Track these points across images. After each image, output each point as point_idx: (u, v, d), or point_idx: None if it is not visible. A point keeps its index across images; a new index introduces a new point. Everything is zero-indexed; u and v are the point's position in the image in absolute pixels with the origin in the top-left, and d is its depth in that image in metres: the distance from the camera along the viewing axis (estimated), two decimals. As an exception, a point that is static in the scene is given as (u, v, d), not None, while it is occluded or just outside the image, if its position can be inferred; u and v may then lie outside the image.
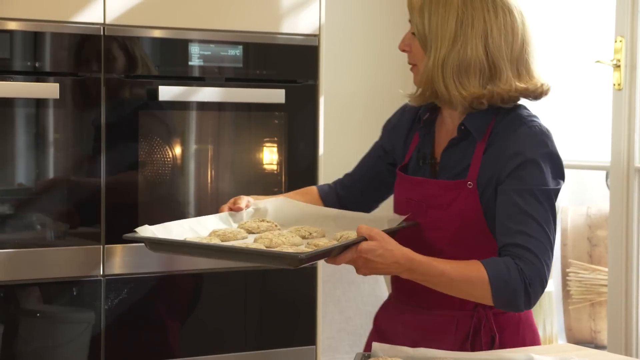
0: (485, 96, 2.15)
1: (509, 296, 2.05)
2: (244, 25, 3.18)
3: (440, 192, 2.20)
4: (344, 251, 2.04)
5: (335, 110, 4.06)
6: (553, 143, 2.17)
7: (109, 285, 3.01)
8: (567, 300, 4.79)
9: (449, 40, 2.16)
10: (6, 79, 2.85)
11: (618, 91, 3.54)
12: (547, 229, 2.10)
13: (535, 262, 2.06)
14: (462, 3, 2.16)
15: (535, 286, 2.06)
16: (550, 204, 2.13)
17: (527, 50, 2.20)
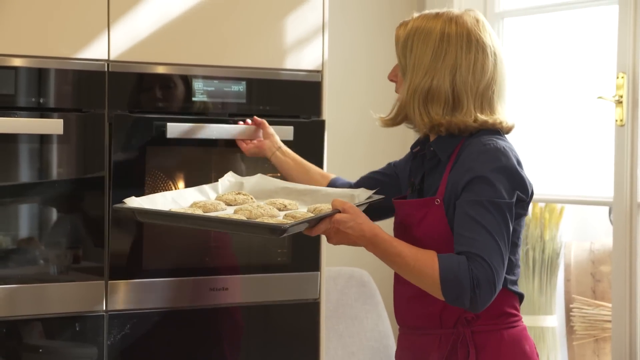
0: (443, 125, 2.34)
1: (455, 290, 2.19)
2: (247, 61, 3.20)
3: (413, 210, 2.38)
4: (320, 222, 2.28)
5: (339, 145, 4.07)
6: (508, 159, 2.29)
7: (111, 321, 3.00)
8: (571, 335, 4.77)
9: (422, 70, 2.35)
10: (10, 115, 2.86)
11: (620, 127, 3.55)
12: (497, 238, 2.22)
13: (485, 266, 2.20)
14: (440, 39, 2.34)
15: (483, 288, 2.19)
16: (502, 215, 2.25)
17: (493, 88, 2.36)
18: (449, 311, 2.33)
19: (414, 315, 2.39)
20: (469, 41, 2.33)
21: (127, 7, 3.01)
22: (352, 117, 4.24)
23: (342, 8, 4.17)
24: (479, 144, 2.31)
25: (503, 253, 2.23)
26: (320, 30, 3.29)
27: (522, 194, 2.30)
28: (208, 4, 3.13)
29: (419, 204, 2.37)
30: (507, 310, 2.36)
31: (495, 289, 2.21)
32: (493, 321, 2.34)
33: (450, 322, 2.34)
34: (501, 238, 2.23)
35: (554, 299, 4.87)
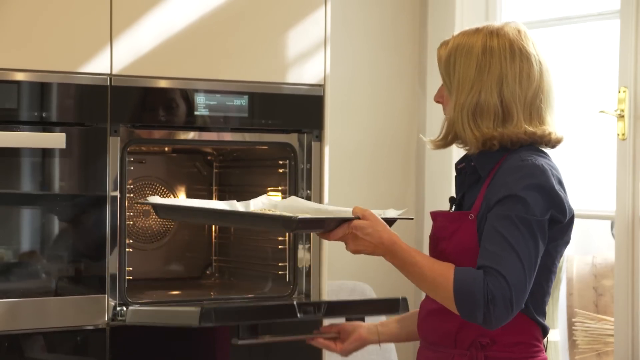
0: (496, 138, 2.29)
1: (468, 303, 2.15)
2: (249, 76, 3.20)
3: (445, 223, 2.34)
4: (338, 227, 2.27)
5: (340, 159, 4.07)
6: (546, 177, 2.26)
7: (113, 335, 3.00)
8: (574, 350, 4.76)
9: (468, 86, 2.30)
10: (13, 129, 2.87)
11: (622, 141, 3.54)
12: (521, 255, 2.17)
13: (501, 282, 2.14)
14: (482, 52, 2.31)
15: (497, 304, 2.14)
16: (530, 233, 2.20)
17: (540, 97, 2.34)
18: (464, 332, 2.29)
19: (431, 330, 2.36)
20: (512, 51, 2.30)
21: (130, 22, 3.02)
22: (354, 131, 4.24)
23: (344, 22, 4.17)
24: (517, 159, 2.27)
25: (526, 271, 2.17)
26: (322, 45, 3.29)
27: (558, 215, 2.25)
28: (210, 19, 3.14)
29: (453, 217, 2.34)
30: (526, 341, 2.30)
31: (512, 307, 2.15)
32: (509, 349, 2.28)
33: (465, 344, 2.29)
34: (526, 256, 2.17)
35: (556, 313, 4.86)
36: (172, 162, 3.67)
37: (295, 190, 3.28)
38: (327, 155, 3.32)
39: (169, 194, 3.66)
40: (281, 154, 3.32)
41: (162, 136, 3.11)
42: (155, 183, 3.63)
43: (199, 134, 3.15)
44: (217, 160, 3.70)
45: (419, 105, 4.32)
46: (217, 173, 3.71)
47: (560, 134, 2.38)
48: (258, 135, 3.23)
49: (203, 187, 3.71)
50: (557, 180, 2.29)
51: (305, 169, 3.28)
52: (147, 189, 3.62)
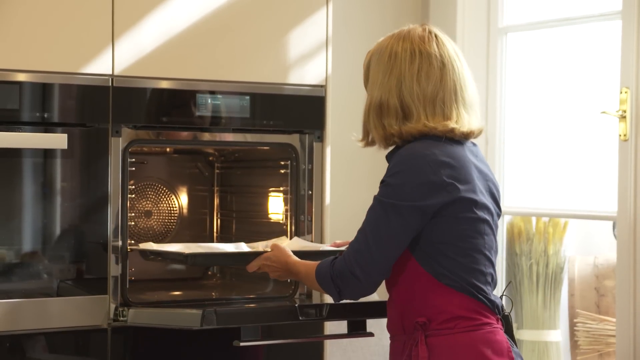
0: (395, 135, 2.49)
1: (323, 285, 2.53)
2: (251, 76, 3.20)
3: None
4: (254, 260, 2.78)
5: (341, 160, 4.07)
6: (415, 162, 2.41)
7: (115, 335, 3.00)
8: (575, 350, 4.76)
9: (375, 88, 2.52)
10: (15, 130, 2.87)
11: (624, 142, 3.54)
12: (368, 231, 2.43)
13: (344, 260, 2.46)
14: (389, 57, 2.50)
15: (343, 279, 2.46)
16: (385, 212, 2.42)
17: (441, 94, 2.47)
18: (405, 317, 2.46)
19: (389, 322, 2.55)
20: (413, 53, 2.48)
21: (132, 23, 3.02)
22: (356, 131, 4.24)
23: (346, 23, 4.17)
24: (401, 150, 2.47)
25: (371, 245, 2.42)
26: (323, 46, 3.30)
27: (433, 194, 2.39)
28: (212, 20, 3.14)
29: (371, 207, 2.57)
30: (463, 314, 2.41)
31: (357, 276, 2.44)
32: (445, 325, 2.41)
33: (410, 328, 2.45)
34: (375, 233, 2.42)
35: (558, 314, 4.87)
36: (173, 163, 3.67)
37: (297, 190, 3.28)
38: (328, 155, 3.32)
39: (171, 195, 3.66)
40: (283, 155, 3.32)
41: (163, 137, 3.11)
42: (156, 184, 3.63)
43: (201, 134, 3.15)
44: (219, 161, 3.70)
45: (421, 105, 4.31)
46: (218, 174, 3.71)
47: (466, 128, 2.47)
48: (260, 135, 3.23)
49: (204, 188, 3.71)
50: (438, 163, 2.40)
51: (307, 169, 3.28)
52: (148, 190, 3.62)
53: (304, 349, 3.28)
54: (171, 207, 3.67)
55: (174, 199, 3.67)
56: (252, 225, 3.53)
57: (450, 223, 2.41)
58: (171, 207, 3.67)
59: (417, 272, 2.43)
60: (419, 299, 2.43)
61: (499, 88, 4.21)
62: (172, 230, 3.66)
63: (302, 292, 3.27)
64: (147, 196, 3.61)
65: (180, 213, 3.68)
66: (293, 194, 3.28)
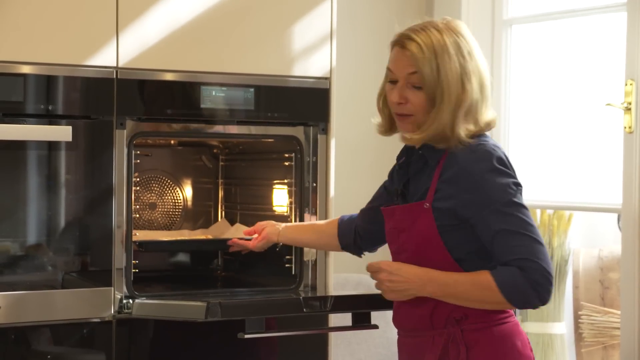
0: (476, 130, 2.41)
1: (521, 299, 2.32)
2: (255, 68, 3.20)
3: (404, 215, 2.46)
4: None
5: (346, 152, 4.07)
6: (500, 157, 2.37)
7: (119, 327, 3.00)
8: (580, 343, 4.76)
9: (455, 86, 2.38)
10: (19, 122, 2.87)
11: (629, 134, 3.54)
12: (528, 232, 2.32)
13: (534, 266, 2.30)
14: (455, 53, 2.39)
15: (542, 284, 2.30)
16: (518, 209, 2.34)
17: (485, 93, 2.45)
18: (438, 312, 2.41)
19: (405, 318, 2.48)
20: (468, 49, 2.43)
21: (136, 15, 3.02)
22: (360, 124, 4.23)
23: (350, 15, 4.17)
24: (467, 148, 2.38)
25: (539, 241, 2.32)
26: (328, 38, 3.29)
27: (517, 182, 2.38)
28: (216, 12, 3.13)
29: (409, 208, 2.45)
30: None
31: (551, 278, 2.31)
32: (481, 319, 2.39)
33: (440, 323, 2.41)
34: (531, 229, 2.32)
35: (563, 306, 4.86)
36: (178, 155, 3.67)
37: (301, 182, 3.28)
38: (333, 148, 3.32)
39: (175, 187, 3.67)
40: (287, 147, 3.32)
41: (168, 129, 3.11)
42: (161, 176, 3.64)
43: (205, 126, 3.15)
44: (223, 153, 3.70)
45: (425, 98, 4.31)
46: (223, 166, 3.71)
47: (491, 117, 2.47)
48: (264, 128, 3.23)
49: (209, 180, 3.71)
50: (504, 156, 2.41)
51: (311, 161, 3.28)
52: (153, 182, 3.62)
53: (308, 341, 3.28)
54: (176, 199, 3.67)
55: (179, 191, 3.67)
56: (256, 217, 3.53)
57: None
58: (176, 199, 3.67)
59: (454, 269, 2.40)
60: None
61: (503, 80, 4.21)
62: (176, 223, 3.67)
63: (306, 284, 3.27)
64: (152, 188, 3.61)
65: (184, 205, 3.68)
66: (297, 187, 3.28)
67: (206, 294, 3.16)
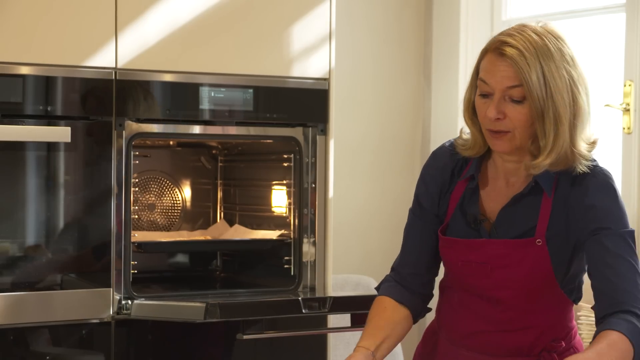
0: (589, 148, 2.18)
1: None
2: (254, 69, 3.20)
3: (507, 251, 2.17)
4: None
5: (345, 153, 4.07)
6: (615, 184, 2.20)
7: (118, 328, 3.00)
8: (579, 344, 4.76)
9: (567, 97, 2.11)
10: (18, 123, 2.87)
11: (628, 135, 3.54)
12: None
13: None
14: (560, 59, 2.11)
15: None
16: (634, 247, 2.14)
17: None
18: (540, 341, 2.22)
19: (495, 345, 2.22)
20: (573, 57, 2.15)
21: (135, 16, 3.02)
22: (359, 125, 4.24)
23: (349, 16, 4.17)
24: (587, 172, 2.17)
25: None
26: (327, 39, 3.29)
27: None
28: (215, 12, 3.14)
29: (516, 245, 2.17)
30: (573, 324, 2.28)
31: None
32: (568, 339, 2.25)
33: (536, 350, 2.22)
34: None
35: (562, 307, 4.86)
36: (177, 156, 3.67)
37: (300, 183, 3.28)
38: (332, 148, 3.32)
39: (174, 188, 3.67)
40: (286, 148, 3.32)
41: (166, 130, 3.11)
42: (160, 177, 3.64)
43: (204, 127, 3.15)
44: (222, 154, 3.70)
45: (424, 99, 4.32)
46: (222, 167, 3.71)
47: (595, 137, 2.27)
48: (263, 129, 3.23)
49: (208, 181, 3.71)
50: None
51: (310, 162, 3.28)
52: (152, 183, 3.62)
53: (307, 342, 3.28)
54: (174, 200, 3.67)
55: (177, 192, 3.68)
56: (255, 218, 3.53)
57: None
58: (174, 200, 3.67)
59: (560, 300, 2.20)
60: (563, 323, 2.22)
61: (502, 81, 4.20)
62: (175, 223, 3.67)
63: (305, 285, 3.27)
64: (151, 189, 3.61)
65: (183, 206, 3.68)
66: (296, 187, 3.28)
67: (205, 294, 3.16)
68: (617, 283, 2.08)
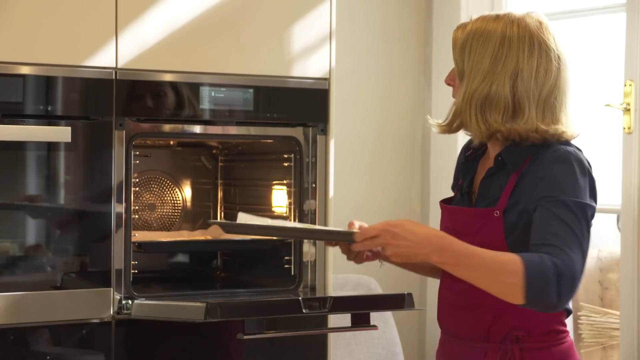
0: (502, 132, 2.24)
1: (540, 286, 2.06)
2: (254, 69, 3.20)
3: (470, 219, 2.28)
4: (370, 226, 2.19)
5: (345, 153, 4.07)
6: (583, 164, 2.22)
7: (119, 328, 3.00)
8: (579, 343, 4.76)
9: (480, 75, 2.25)
10: (18, 123, 2.87)
11: (628, 135, 3.54)
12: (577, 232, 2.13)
13: (569, 258, 2.09)
14: (500, 42, 2.25)
15: (566, 280, 2.07)
16: (584, 216, 2.17)
17: (555, 95, 2.26)
18: (498, 325, 2.26)
19: (458, 324, 2.32)
20: (532, 44, 2.24)
21: (135, 15, 3.02)
22: (359, 124, 4.24)
23: (350, 16, 4.17)
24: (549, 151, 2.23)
25: (584, 249, 2.14)
26: (327, 38, 3.29)
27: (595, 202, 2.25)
28: (215, 12, 3.14)
29: (476, 213, 2.28)
30: (557, 327, 2.28)
31: (576, 282, 2.09)
32: (543, 338, 2.27)
33: (498, 337, 2.26)
34: (582, 235, 2.14)
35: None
36: (177, 156, 3.67)
37: (301, 183, 3.28)
38: (332, 148, 3.32)
39: (174, 188, 3.67)
40: (286, 148, 3.32)
41: (167, 130, 3.11)
42: (160, 177, 3.63)
43: (204, 127, 3.15)
44: (222, 154, 3.70)
45: (424, 98, 4.32)
46: (222, 167, 3.71)
47: (574, 131, 2.29)
48: (263, 128, 3.23)
49: (208, 181, 3.71)
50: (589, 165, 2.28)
51: (311, 162, 3.28)
52: (152, 183, 3.62)
53: (307, 341, 3.28)
54: (175, 200, 3.67)
55: (178, 192, 3.68)
56: (255, 218, 3.53)
57: None
58: (175, 200, 3.67)
59: None
60: (519, 309, 2.18)
61: (502, 81, 4.20)
62: (175, 223, 3.67)
63: (305, 285, 3.27)
64: (151, 189, 3.61)
65: (183, 206, 3.68)
66: (297, 187, 3.28)
67: (205, 294, 3.16)
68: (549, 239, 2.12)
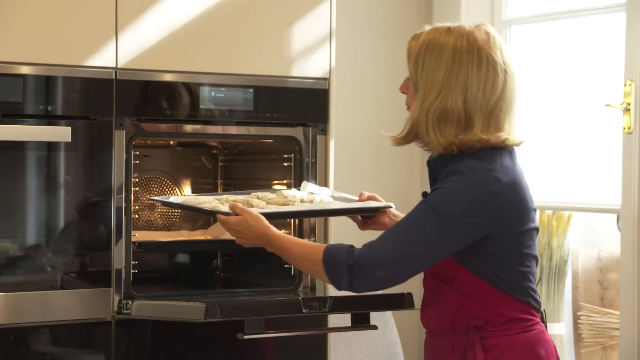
0: (455, 144, 2.33)
1: (334, 272, 2.33)
2: (254, 69, 3.20)
3: None
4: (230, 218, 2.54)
5: (345, 152, 4.07)
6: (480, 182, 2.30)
7: (118, 328, 3.01)
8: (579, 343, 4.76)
9: (436, 89, 2.33)
10: (18, 122, 2.87)
11: (628, 134, 3.54)
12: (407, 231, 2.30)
13: (370, 248, 2.31)
14: (452, 56, 2.33)
15: (359, 267, 2.30)
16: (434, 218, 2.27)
17: (501, 105, 2.35)
18: (459, 317, 2.38)
19: (430, 319, 2.45)
20: (480, 59, 2.32)
21: (135, 15, 3.02)
22: (359, 124, 4.24)
23: (350, 16, 4.17)
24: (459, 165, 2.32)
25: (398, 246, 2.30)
26: (327, 38, 3.29)
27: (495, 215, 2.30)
28: (215, 12, 3.14)
29: None
30: (519, 316, 2.37)
31: (374, 269, 2.29)
32: (503, 327, 2.36)
33: (462, 328, 2.38)
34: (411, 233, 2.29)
35: (562, 307, 4.87)
36: (177, 156, 3.67)
37: (301, 183, 3.27)
38: (332, 148, 3.32)
39: (174, 188, 3.67)
40: (286, 148, 3.32)
41: (167, 129, 3.11)
42: (160, 176, 3.64)
43: (204, 127, 3.15)
44: (222, 154, 3.70)
45: (425, 98, 4.31)
46: (222, 166, 3.71)
47: (516, 139, 2.38)
48: (263, 128, 3.23)
49: (208, 181, 3.71)
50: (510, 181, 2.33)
51: (311, 162, 3.28)
52: (152, 183, 3.62)
53: (307, 341, 3.28)
54: (175, 200, 3.67)
55: (178, 192, 3.67)
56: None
57: (513, 237, 2.35)
58: (175, 200, 3.67)
59: (472, 281, 2.35)
60: (476, 303, 2.35)
61: (502, 81, 4.20)
62: (175, 223, 3.67)
63: (305, 285, 3.27)
64: (151, 189, 3.61)
65: (183, 206, 3.68)
66: (297, 187, 3.28)
67: (205, 294, 3.16)
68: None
